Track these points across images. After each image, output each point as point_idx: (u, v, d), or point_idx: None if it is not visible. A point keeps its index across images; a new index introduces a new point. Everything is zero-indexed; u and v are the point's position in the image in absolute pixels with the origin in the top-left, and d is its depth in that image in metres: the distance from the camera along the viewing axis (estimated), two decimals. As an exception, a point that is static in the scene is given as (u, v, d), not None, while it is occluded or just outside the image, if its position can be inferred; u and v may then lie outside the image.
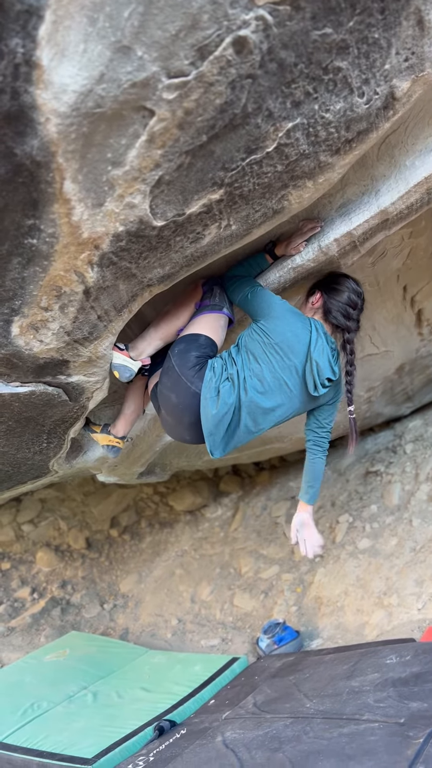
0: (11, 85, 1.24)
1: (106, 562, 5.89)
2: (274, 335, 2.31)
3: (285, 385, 2.34)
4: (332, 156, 1.84)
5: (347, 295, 2.47)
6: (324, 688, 2.80)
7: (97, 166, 1.48)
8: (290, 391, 2.36)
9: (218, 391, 2.28)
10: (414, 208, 2.38)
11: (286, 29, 1.40)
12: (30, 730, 3.27)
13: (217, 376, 2.31)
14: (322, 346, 2.35)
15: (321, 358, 2.33)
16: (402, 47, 1.65)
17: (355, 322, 2.50)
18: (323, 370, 2.34)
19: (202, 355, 2.37)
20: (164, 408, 2.44)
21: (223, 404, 2.28)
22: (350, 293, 2.48)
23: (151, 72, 1.33)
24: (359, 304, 2.51)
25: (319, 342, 2.35)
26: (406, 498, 4.66)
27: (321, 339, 2.36)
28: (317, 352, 2.33)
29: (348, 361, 2.48)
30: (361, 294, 2.52)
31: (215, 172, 1.66)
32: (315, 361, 2.32)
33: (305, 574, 4.68)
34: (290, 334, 2.32)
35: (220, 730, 2.71)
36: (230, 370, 2.33)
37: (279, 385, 2.33)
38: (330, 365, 2.38)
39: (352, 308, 2.47)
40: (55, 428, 2.63)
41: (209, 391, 2.28)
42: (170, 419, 2.44)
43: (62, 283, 1.78)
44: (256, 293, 2.41)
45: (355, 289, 2.50)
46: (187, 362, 2.34)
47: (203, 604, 5.07)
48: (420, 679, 2.53)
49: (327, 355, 2.37)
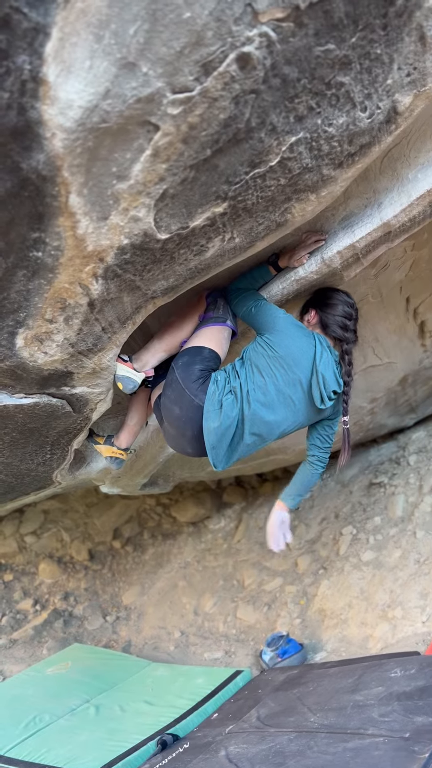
0: (18, 100, 1.26)
1: (109, 574, 5.87)
2: (279, 349, 2.32)
3: (289, 398, 2.33)
4: (335, 169, 1.85)
5: (341, 308, 2.50)
6: (328, 702, 2.78)
7: (102, 180, 1.50)
8: (294, 405, 2.36)
9: (221, 404, 2.28)
10: (416, 220, 2.39)
11: (289, 45, 1.42)
12: (32, 744, 3.24)
13: (220, 389, 2.31)
14: (327, 359, 2.37)
15: (327, 370, 2.35)
16: (404, 62, 1.66)
17: (352, 333, 2.52)
18: (329, 382, 2.36)
19: (206, 368, 2.37)
20: (167, 420, 2.44)
21: (225, 417, 2.28)
22: (343, 305, 2.50)
23: (156, 88, 1.35)
24: (353, 314, 2.53)
25: (324, 355, 2.36)
26: (409, 510, 4.64)
27: (326, 352, 2.38)
28: (323, 365, 2.35)
29: (346, 371, 2.49)
30: (353, 304, 2.54)
31: (219, 185, 1.67)
32: (321, 373, 2.33)
33: (309, 586, 4.65)
34: (295, 347, 2.32)
35: (223, 744, 2.69)
36: (233, 383, 2.33)
37: (283, 398, 2.33)
38: (335, 377, 2.40)
39: (348, 319, 2.49)
40: (58, 439, 2.63)
41: (212, 404, 2.29)
42: (173, 431, 2.44)
43: (67, 295, 1.79)
44: (260, 307, 2.42)
45: (347, 301, 2.53)
46: (191, 375, 2.34)
47: (206, 616, 5.04)
48: (425, 693, 2.51)
49: (332, 368, 2.39)
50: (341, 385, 2.45)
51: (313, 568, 4.82)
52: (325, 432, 2.64)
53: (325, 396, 2.36)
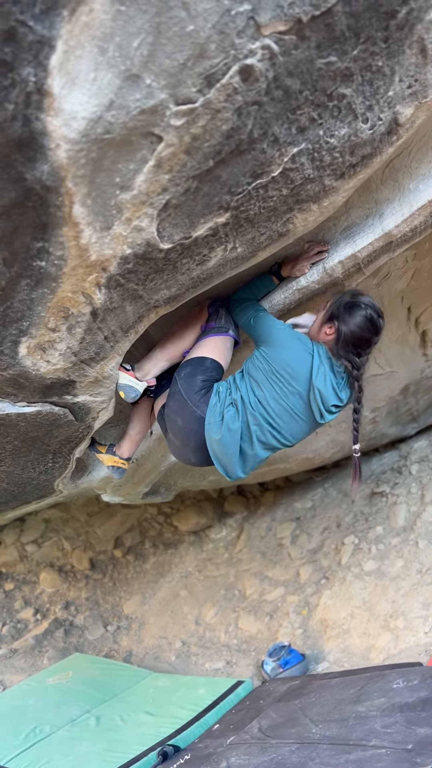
0: (23, 112, 1.27)
1: (110, 583, 5.85)
2: (275, 362, 2.27)
3: (291, 410, 2.30)
4: (337, 180, 1.86)
5: (362, 329, 2.24)
6: (330, 713, 2.76)
7: (106, 190, 1.51)
8: (297, 416, 2.33)
9: (222, 416, 2.29)
10: (418, 230, 2.40)
11: (291, 58, 1.43)
12: (32, 755, 3.22)
13: (221, 401, 2.31)
14: (324, 373, 2.26)
15: (324, 386, 2.25)
16: (405, 74, 1.68)
17: (363, 359, 2.30)
18: (327, 398, 2.27)
19: (208, 378, 2.38)
20: (171, 430, 2.44)
21: (226, 429, 2.28)
22: (364, 329, 2.24)
23: (159, 99, 1.36)
24: (373, 339, 2.27)
25: (321, 369, 2.26)
26: (412, 519, 4.63)
27: (323, 366, 2.27)
28: (319, 380, 2.25)
29: (356, 398, 2.34)
30: (377, 327, 2.27)
31: (221, 196, 1.68)
32: (317, 389, 2.25)
33: (311, 596, 4.64)
34: (292, 360, 2.26)
35: (224, 755, 2.67)
36: (234, 395, 2.32)
37: (284, 410, 2.30)
38: (335, 392, 2.29)
39: (363, 347, 2.26)
40: (60, 448, 2.64)
41: (213, 416, 2.29)
42: (177, 442, 2.45)
43: (70, 304, 1.80)
44: (259, 318, 2.38)
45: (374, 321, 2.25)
46: (193, 386, 2.34)
47: (208, 626, 5.02)
48: (428, 704, 2.49)
49: (331, 382, 2.27)
50: (343, 399, 2.34)
51: (315, 577, 4.81)
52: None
53: (324, 411, 2.30)
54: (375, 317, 2.25)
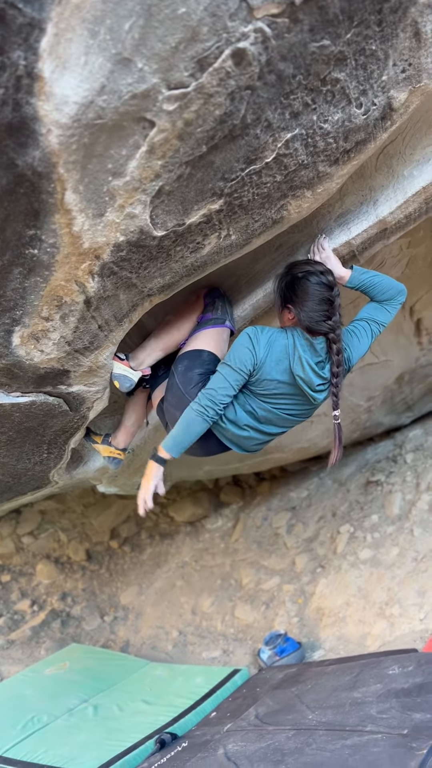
0: (13, 96, 1.26)
1: (107, 574, 5.86)
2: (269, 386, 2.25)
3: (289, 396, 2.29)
4: (331, 166, 1.85)
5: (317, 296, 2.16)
6: (326, 700, 2.78)
7: (98, 176, 1.50)
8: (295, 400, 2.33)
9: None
10: (412, 217, 2.39)
11: (284, 41, 1.42)
12: (30, 744, 3.24)
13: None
14: (300, 358, 2.20)
15: (303, 371, 2.20)
16: (399, 58, 1.67)
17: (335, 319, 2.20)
18: (310, 381, 2.23)
19: (205, 371, 2.37)
20: (170, 423, 2.44)
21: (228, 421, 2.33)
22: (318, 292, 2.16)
23: (151, 83, 1.35)
24: (333, 298, 2.18)
25: (296, 355, 2.20)
26: (407, 508, 4.65)
27: (298, 350, 2.20)
28: (297, 368, 2.20)
29: (335, 361, 2.25)
30: (331, 285, 2.18)
31: (215, 182, 1.67)
32: (298, 377, 2.21)
33: (306, 584, 4.66)
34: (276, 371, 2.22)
35: (221, 742, 2.69)
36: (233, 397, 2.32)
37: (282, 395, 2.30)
38: (315, 372, 2.23)
39: (327, 309, 2.17)
40: (55, 438, 2.63)
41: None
42: None
43: (63, 293, 1.79)
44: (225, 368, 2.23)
45: (321, 282, 2.17)
46: (191, 380, 2.34)
47: (204, 615, 5.04)
48: (423, 690, 2.51)
49: (309, 365, 2.21)
50: (325, 376, 2.27)
51: (310, 566, 4.83)
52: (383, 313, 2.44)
53: (313, 393, 2.27)
54: (320, 277, 2.18)
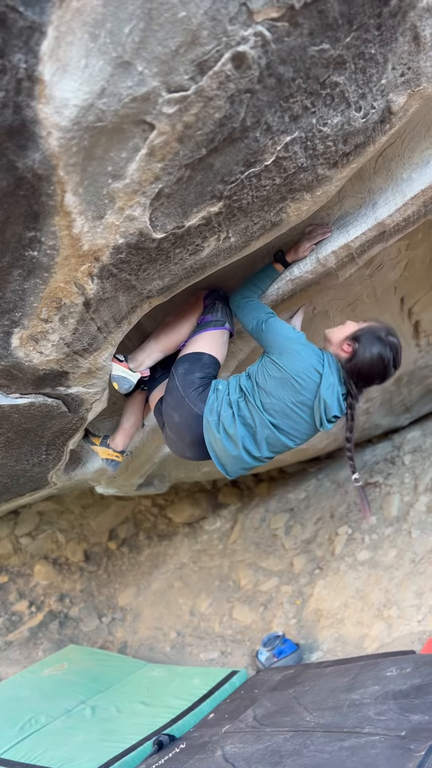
0: (13, 99, 1.26)
1: (105, 575, 5.86)
2: (288, 371, 2.23)
3: (298, 416, 2.28)
4: (330, 169, 1.86)
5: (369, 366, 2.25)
6: (324, 701, 2.78)
7: (98, 179, 1.50)
8: (302, 423, 2.30)
9: (219, 416, 2.29)
10: (411, 220, 2.40)
11: (284, 45, 1.42)
12: (28, 745, 3.23)
13: (219, 401, 2.30)
14: (332, 383, 2.24)
15: (330, 396, 2.24)
16: (398, 62, 1.67)
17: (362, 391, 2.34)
18: (330, 407, 2.25)
19: (206, 375, 2.37)
20: (168, 425, 2.44)
21: (224, 432, 2.29)
22: (376, 365, 2.25)
23: (151, 87, 1.35)
24: (377, 381, 2.30)
25: (329, 379, 2.24)
26: (405, 509, 4.65)
27: (332, 375, 2.25)
28: (327, 390, 2.23)
29: (348, 427, 2.36)
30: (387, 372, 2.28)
31: (214, 185, 1.67)
32: (323, 399, 2.23)
33: (304, 586, 4.66)
34: (302, 369, 2.23)
35: (219, 744, 2.69)
36: (233, 396, 2.31)
37: (290, 418, 2.28)
38: (339, 402, 2.28)
39: (365, 381, 2.29)
40: (54, 440, 2.63)
41: (211, 414, 2.30)
42: (173, 436, 2.45)
43: (62, 294, 1.79)
44: (270, 325, 2.30)
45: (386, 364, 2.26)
46: (191, 384, 2.34)
47: (202, 617, 5.04)
48: (421, 692, 2.51)
49: (337, 393, 2.26)
50: (343, 409, 2.32)
51: (308, 568, 4.83)
52: None
53: (325, 420, 2.28)
54: (391, 363, 2.27)
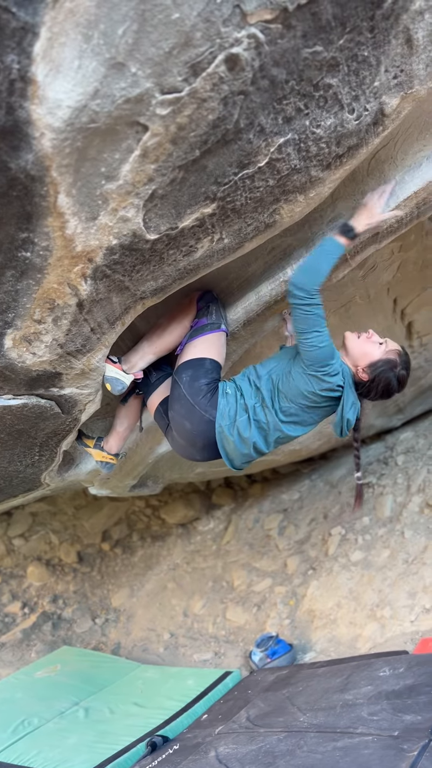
0: (6, 100, 1.26)
1: (98, 576, 5.85)
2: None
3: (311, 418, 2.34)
4: (323, 171, 1.86)
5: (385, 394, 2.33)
6: (317, 702, 2.79)
7: (91, 180, 1.50)
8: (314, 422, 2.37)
9: (234, 421, 2.32)
10: (404, 222, 2.41)
11: (277, 47, 1.43)
12: (21, 747, 3.23)
13: (230, 405, 2.33)
14: (353, 403, 2.29)
15: (353, 415, 2.30)
16: (391, 65, 1.68)
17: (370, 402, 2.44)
18: (351, 422, 2.32)
19: (211, 380, 2.38)
20: (177, 433, 2.44)
21: (238, 435, 2.32)
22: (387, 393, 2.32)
23: (144, 88, 1.35)
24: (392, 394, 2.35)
25: (350, 398, 2.28)
26: (398, 510, 4.67)
27: (352, 394, 2.29)
28: (350, 410, 2.27)
29: (354, 438, 2.45)
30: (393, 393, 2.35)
31: (208, 186, 1.67)
32: (347, 419, 2.28)
33: (298, 587, 4.66)
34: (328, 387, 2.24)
35: (213, 745, 2.69)
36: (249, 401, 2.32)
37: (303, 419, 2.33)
38: (356, 415, 2.34)
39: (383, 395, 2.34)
40: (47, 441, 2.62)
41: (224, 419, 2.32)
42: (183, 442, 2.46)
43: (55, 295, 1.79)
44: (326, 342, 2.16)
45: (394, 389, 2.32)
46: (199, 392, 2.35)
47: (196, 617, 5.04)
48: (414, 692, 2.52)
49: (357, 410, 2.32)
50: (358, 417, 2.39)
51: (302, 568, 4.84)
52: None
53: (345, 431, 2.34)
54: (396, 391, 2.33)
